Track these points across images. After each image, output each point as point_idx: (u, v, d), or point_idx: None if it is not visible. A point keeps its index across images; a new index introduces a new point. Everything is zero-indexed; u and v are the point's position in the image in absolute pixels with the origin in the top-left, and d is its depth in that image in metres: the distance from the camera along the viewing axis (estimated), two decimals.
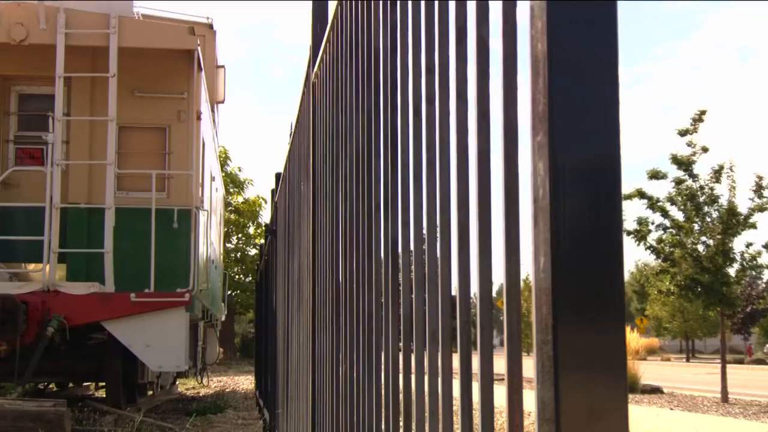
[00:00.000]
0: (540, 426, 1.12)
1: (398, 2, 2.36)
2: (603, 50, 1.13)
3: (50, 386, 15.59)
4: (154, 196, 11.00)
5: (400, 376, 2.32)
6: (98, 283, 10.72)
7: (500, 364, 1.52)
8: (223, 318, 22.66)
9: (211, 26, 15.91)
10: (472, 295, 1.66)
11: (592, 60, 1.13)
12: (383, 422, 2.55)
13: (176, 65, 11.81)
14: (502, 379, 1.34)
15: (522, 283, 1.37)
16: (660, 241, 19.32)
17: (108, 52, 10.85)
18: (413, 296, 2.10)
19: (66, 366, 11.91)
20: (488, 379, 1.48)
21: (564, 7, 1.13)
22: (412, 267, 2.16)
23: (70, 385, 15.75)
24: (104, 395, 13.97)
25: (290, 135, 7.15)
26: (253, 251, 42.06)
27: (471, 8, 1.60)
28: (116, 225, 10.76)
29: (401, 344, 2.39)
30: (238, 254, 41.86)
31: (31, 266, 11.42)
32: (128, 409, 11.56)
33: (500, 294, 1.46)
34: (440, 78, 1.85)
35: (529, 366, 2.24)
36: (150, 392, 14.78)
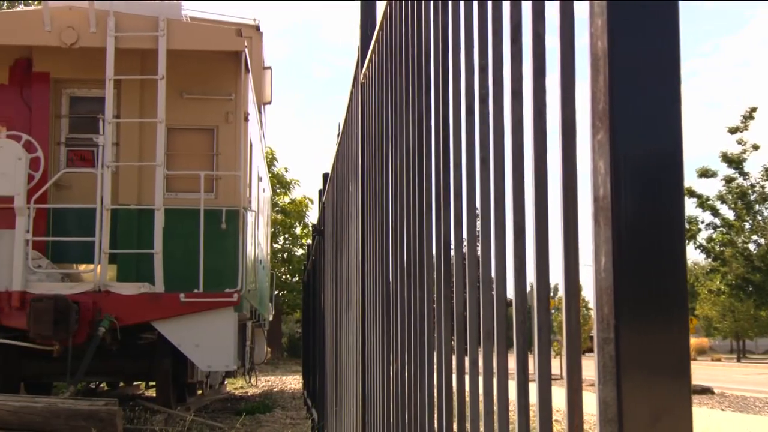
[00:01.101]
0: (602, 427, 1.11)
1: (450, 2, 2.35)
2: (664, 47, 1.12)
3: (101, 385, 15.78)
4: (203, 197, 11.08)
5: (454, 376, 2.32)
6: (148, 283, 10.82)
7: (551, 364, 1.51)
8: (271, 318, 22.78)
9: (257, 28, 15.98)
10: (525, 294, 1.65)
11: (653, 57, 1.12)
12: (436, 423, 2.55)
13: (224, 67, 11.88)
14: (554, 380, 1.33)
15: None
16: (710, 240, 19.13)
17: (156, 54, 10.96)
18: (467, 296, 2.10)
19: (117, 365, 12.04)
20: (546, 379, 1.47)
21: (624, 5, 1.12)
22: (466, 266, 2.15)
23: (121, 384, 15.94)
24: (154, 394, 14.12)
25: (338, 135, 7.17)
26: (299, 251, 42.24)
27: (526, 6, 1.59)
28: (165, 226, 10.85)
29: (454, 344, 2.38)
30: (285, 254, 42.06)
31: (82, 267, 11.55)
32: (178, 408, 11.65)
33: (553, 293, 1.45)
34: (494, 76, 1.84)
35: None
36: (199, 391, 14.90)
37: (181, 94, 11.82)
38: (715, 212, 18.09)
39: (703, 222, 18.35)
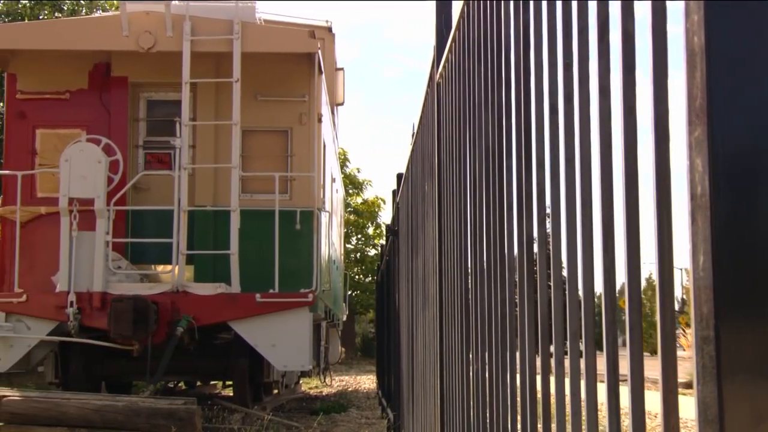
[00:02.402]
0: (702, 428, 1.09)
1: (531, 1, 2.34)
2: (763, 42, 1.10)
3: (179, 385, 16.00)
4: (278, 198, 11.16)
5: (538, 376, 2.30)
6: (224, 284, 10.94)
7: (623, 364, 1.49)
8: (345, 318, 22.88)
9: (330, 29, 16.07)
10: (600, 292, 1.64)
11: (751, 52, 1.10)
12: (519, 423, 2.53)
13: (297, 69, 11.97)
14: (622, 380, 1.32)
15: (644, 282, 1.35)
16: None
17: (231, 57, 11.09)
18: (551, 295, 2.08)
19: (194, 365, 12.19)
20: (639, 380, 1.45)
21: (721, 2, 1.10)
22: (550, 265, 2.14)
23: (198, 383, 16.14)
24: (231, 394, 14.27)
25: (412, 136, 7.17)
26: (372, 251, 42.34)
27: (613, 5, 1.58)
28: (241, 226, 10.97)
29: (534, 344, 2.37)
30: (358, 255, 42.20)
31: (160, 267, 11.72)
32: (255, 407, 11.77)
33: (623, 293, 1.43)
34: (580, 74, 1.83)
35: (650, 366, 2.19)
36: (275, 391, 15.02)
37: (256, 96, 11.94)
38: None
39: None
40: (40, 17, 22.76)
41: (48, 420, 8.59)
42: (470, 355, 3.56)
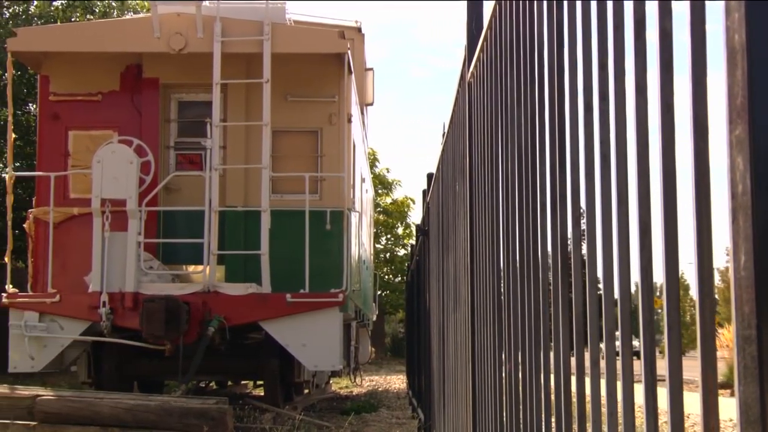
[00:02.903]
0: (744, 429, 1.08)
1: (565, 1, 2.33)
2: None
3: (210, 384, 16.08)
4: (308, 198, 11.18)
5: (573, 377, 2.29)
6: (255, 284, 10.97)
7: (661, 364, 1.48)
8: (375, 318, 22.89)
9: (359, 29, 16.08)
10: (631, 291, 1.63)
11: None
12: (553, 424, 2.52)
13: (327, 69, 11.98)
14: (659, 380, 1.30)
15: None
16: None
17: (261, 58, 11.12)
18: (587, 295, 2.07)
19: (225, 365, 12.23)
20: (677, 380, 1.44)
21: (763, 0, 1.09)
22: (585, 265, 2.13)
23: (229, 383, 16.21)
24: (262, 393, 14.32)
25: (443, 135, 7.16)
26: (401, 251, 42.34)
27: (650, 3, 1.56)
28: (271, 227, 11.00)
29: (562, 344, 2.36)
30: (387, 255, 42.20)
31: (191, 268, 11.77)
32: (286, 407, 11.80)
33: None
34: (615, 73, 1.82)
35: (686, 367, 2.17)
36: (306, 391, 15.06)
37: (286, 96, 11.96)
38: None
39: None
40: (73, 19, 22.94)
41: (81, 419, 8.65)
42: (503, 356, 3.55)
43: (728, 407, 2.29)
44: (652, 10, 1.58)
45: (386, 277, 42.01)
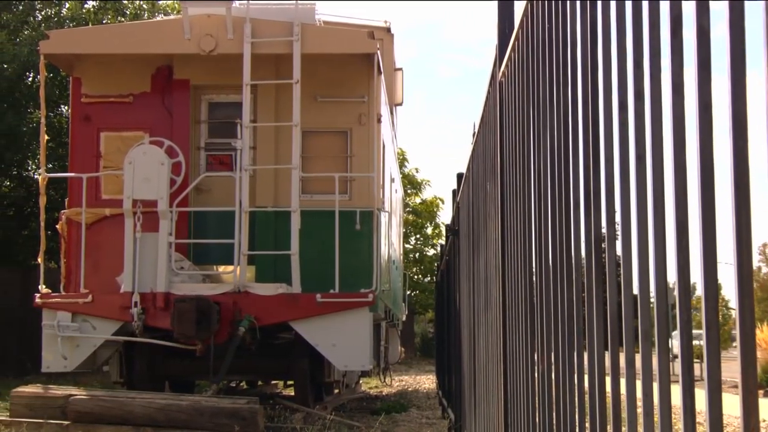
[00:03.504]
0: None
1: (599, 1, 2.32)
2: None
3: (241, 384, 16.13)
4: (338, 199, 11.19)
5: (607, 377, 2.28)
6: (285, 284, 11.00)
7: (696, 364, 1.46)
8: (404, 318, 22.87)
9: (388, 29, 16.08)
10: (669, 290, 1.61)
11: None
12: (587, 425, 2.51)
13: (356, 69, 11.98)
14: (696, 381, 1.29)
15: None
16: None
17: (290, 58, 11.14)
18: (621, 295, 2.06)
19: (256, 365, 12.27)
20: (716, 381, 1.43)
21: None
22: (620, 264, 2.11)
23: (259, 383, 16.26)
24: (292, 393, 14.36)
25: (473, 135, 7.15)
26: (431, 251, 42.29)
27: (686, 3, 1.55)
28: (301, 227, 11.01)
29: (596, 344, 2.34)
30: (417, 255, 42.16)
31: (222, 268, 11.82)
32: (316, 407, 11.82)
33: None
34: (651, 71, 1.80)
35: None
36: (336, 391, 15.07)
37: (315, 97, 11.98)
38: None
39: None
40: (104, 22, 23.11)
41: (114, 419, 8.72)
42: (535, 356, 3.54)
43: (764, 408, 2.27)
44: (688, 7, 1.57)
45: (416, 277, 41.95)
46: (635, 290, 1.97)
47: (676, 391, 1.77)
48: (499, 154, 4.70)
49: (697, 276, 1.53)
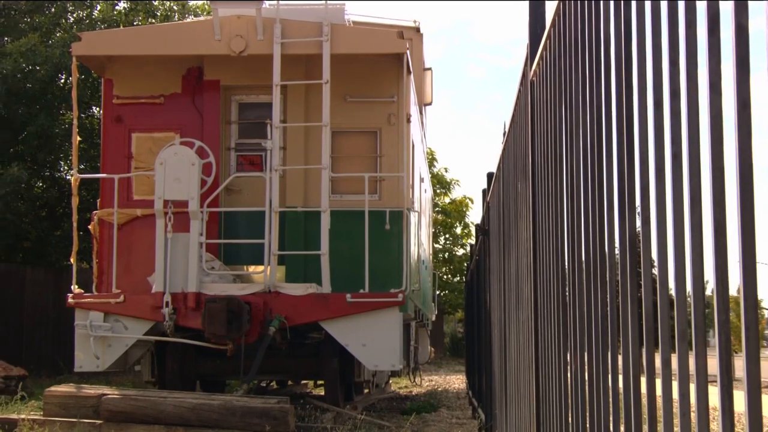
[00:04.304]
0: None
1: (633, 1, 2.30)
2: None
3: (271, 384, 16.19)
4: (367, 199, 11.19)
5: (642, 378, 2.26)
6: (315, 284, 11.01)
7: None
8: (434, 318, 22.85)
9: (418, 29, 16.07)
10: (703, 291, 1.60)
11: None
12: (622, 426, 2.50)
13: (386, 69, 11.98)
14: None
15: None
16: None
17: (320, 59, 11.16)
18: (657, 295, 2.05)
19: (286, 364, 12.31)
20: (755, 382, 1.41)
21: None
22: (654, 264, 2.10)
23: (289, 383, 16.31)
24: (322, 393, 14.38)
25: (503, 134, 7.13)
26: (460, 251, 42.22)
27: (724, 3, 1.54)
28: (331, 227, 11.02)
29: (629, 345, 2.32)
30: (446, 254, 42.12)
31: (252, 268, 11.85)
32: (346, 407, 11.83)
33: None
34: (688, 70, 1.79)
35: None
36: (366, 390, 15.09)
37: (345, 97, 11.99)
38: None
39: None
40: (135, 23, 23.26)
41: (146, 418, 8.77)
42: (568, 356, 3.53)
43: None
44: (724, 5, 1.56)
45: (445, 276, 41.91)
46: (671, 290, 1.96)
47: (712, 392, 1.75)
48: (531, 153, 4.69)
49: (735, 276, 1.52)
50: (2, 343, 19.77)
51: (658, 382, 2.11)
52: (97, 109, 22.60)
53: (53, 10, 23.82)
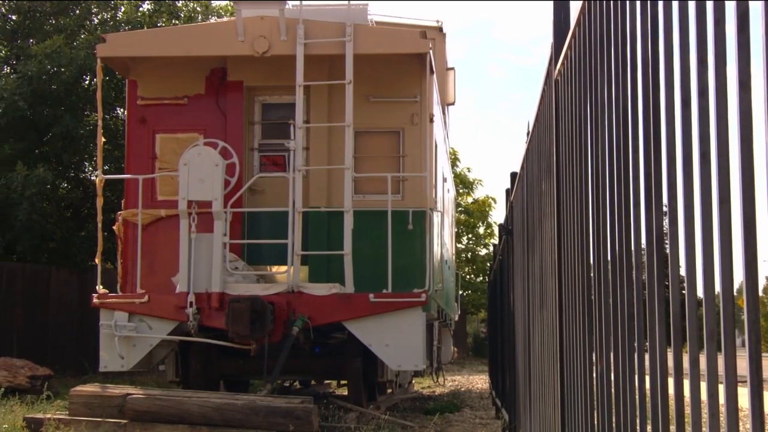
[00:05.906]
0: None
1: (660, 1, 2.29)
2: None
3: (295, 384, 16.22)
4: (390, 199, 11.19)
5: (670, 378, 2.25)
6: (338, 284, 11.02)
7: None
8: (457, 318, 22.83)
9: (440, 29, 16.06)
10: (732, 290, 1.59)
11: None
12: (649, 426, 2.48)
13: (409, 69, 11.98)
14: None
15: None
16: None
17: (343, 59, 11.17)
18: (685, 293, 2.04)
19: (309, 364, 12.33)
20: None
21: None
22: (682, 263, 2.09)
23: (313, 382, 16.34)
24: (345, 393, 14.40)
25: (527, 134, 7.11)
26: (483, 251, 42.15)
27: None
28: (354, 227, 11.02)
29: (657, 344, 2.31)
30: (469, 254, 42.05)
31: (275, 268, 11.88)
32: (369, 407, 11.84)
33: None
34: (716, 68, 1.78)
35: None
36: (389, 390, 15.09)
37: (368, 97, 11.99)
38: None
39: None
40: (159, 24, 23.36)
41: (170, 417, 8.81)
42: (593, 356, 3.51)
43: None
44: (754, 3, 1.55)
45: (468, 276, 41.82)
46: (699, 290, 1.95)
47: (740, 393, 1.74)
48: (555, 152, 4.67)
49: (763, 275, 1.50)
50: (28, 344, 19.91)
51: (686, 383, 2.09)
52: (122, 110, 22.70)
53: (78, 11, 23.95)
